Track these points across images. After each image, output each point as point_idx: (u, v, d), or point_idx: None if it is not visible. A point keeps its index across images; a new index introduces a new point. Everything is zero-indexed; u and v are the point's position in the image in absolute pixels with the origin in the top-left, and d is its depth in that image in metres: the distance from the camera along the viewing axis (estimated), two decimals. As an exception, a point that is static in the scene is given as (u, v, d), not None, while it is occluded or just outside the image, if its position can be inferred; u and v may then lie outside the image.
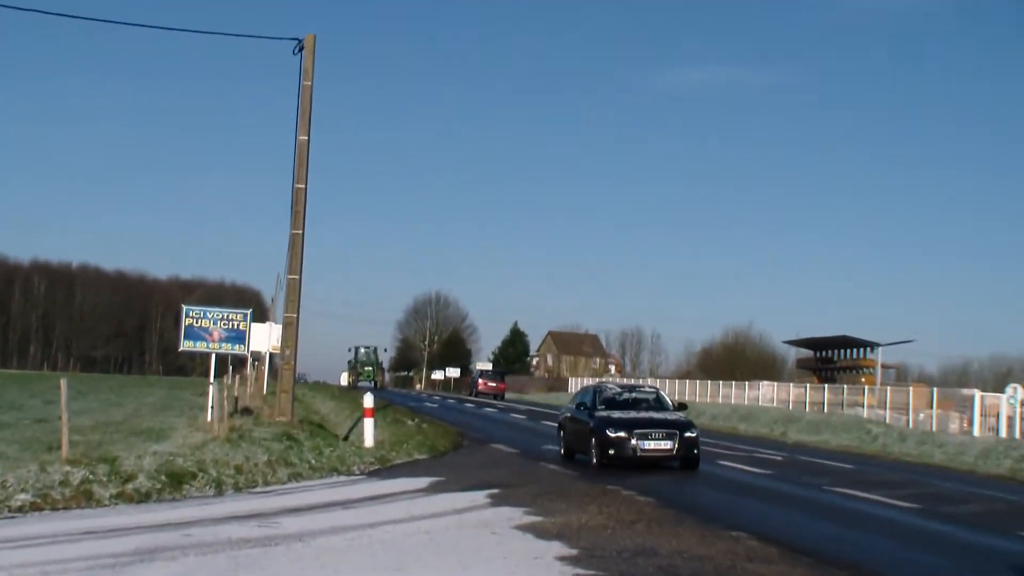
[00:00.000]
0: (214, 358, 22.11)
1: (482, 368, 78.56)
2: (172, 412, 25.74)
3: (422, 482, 15.24)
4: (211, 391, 19.82)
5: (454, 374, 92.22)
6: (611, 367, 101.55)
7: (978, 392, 36.51)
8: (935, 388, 41.21)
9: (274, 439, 17.86)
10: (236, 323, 21.67)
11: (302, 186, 21.88)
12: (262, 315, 46.14)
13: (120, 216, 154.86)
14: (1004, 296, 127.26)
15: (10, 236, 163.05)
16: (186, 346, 21.79)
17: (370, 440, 20.05)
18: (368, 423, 20.45)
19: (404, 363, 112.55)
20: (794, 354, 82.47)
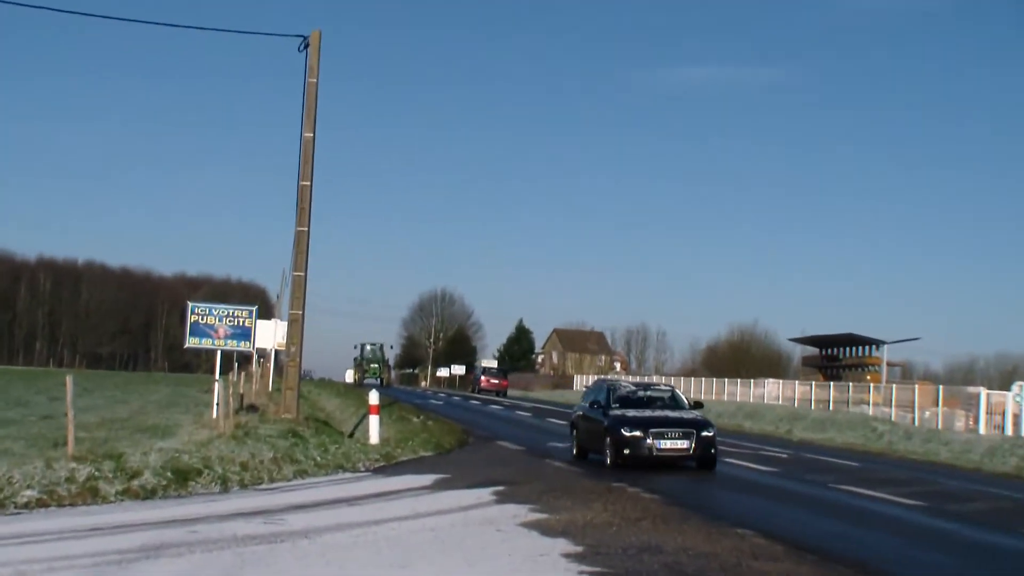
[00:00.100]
0: (219, 355, 22.15)
1: (485, 365, 78.65)
2: (178, 409, 25.77)
3: (427, 479, 15.24)
4: (216, 388, 19.84)
5: (459, 371, 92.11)
6: (616, 364, 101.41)
7: (984, 390, 36.46)
8: (941, 386, 41.17)
9: (280, 436, 17.87)
10: (241, 320, 21.64)
11: (308, 183, 21.88)
12: (267, 312, 46.28)
13: (126, 213, 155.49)
14: (1010, 294, 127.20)
15: (16, 233, 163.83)
16: (191, 343, 21.79)
17: (375, 437, 20.06)
18: (373, 420, 20.46)
19: (409, 360, 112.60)
20: (799, 352, 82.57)
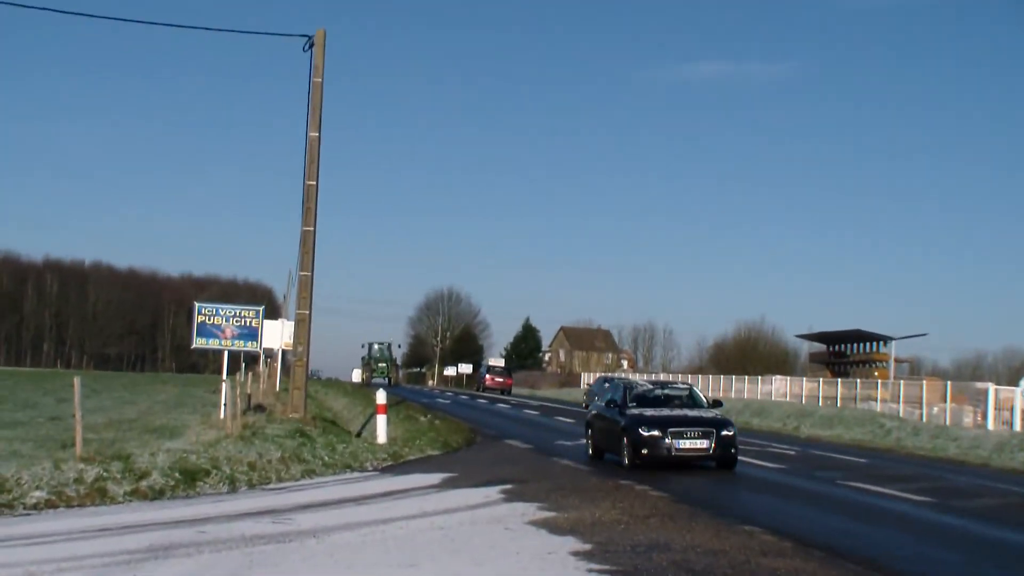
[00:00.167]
0: (227, 355, 22.15)
1: (490, 364, 78.69)
2: (185, 409, 25.79)
3: (435, 478, 15.25)
4: (224, 388, 19.86)
5: (466, 370, 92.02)
6: (623, 362, 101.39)
7: (992, 385, 36.35)
8: (948, 382, 41.04)
9: (287, 436, 17.89)
10: (248, 320, 21.68)
11: (313, 183, 21.89)
12: (274, 312, 46.23)
13: (132, 214, 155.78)
14: (1018, 289, 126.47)
15: (23, 235, 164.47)
16: (199, 343, 21.83)
17: (383, 436, 20.07)
18: (381, 419, 20.47)
19: (416, 359, 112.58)
20: (807, 348, 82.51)
